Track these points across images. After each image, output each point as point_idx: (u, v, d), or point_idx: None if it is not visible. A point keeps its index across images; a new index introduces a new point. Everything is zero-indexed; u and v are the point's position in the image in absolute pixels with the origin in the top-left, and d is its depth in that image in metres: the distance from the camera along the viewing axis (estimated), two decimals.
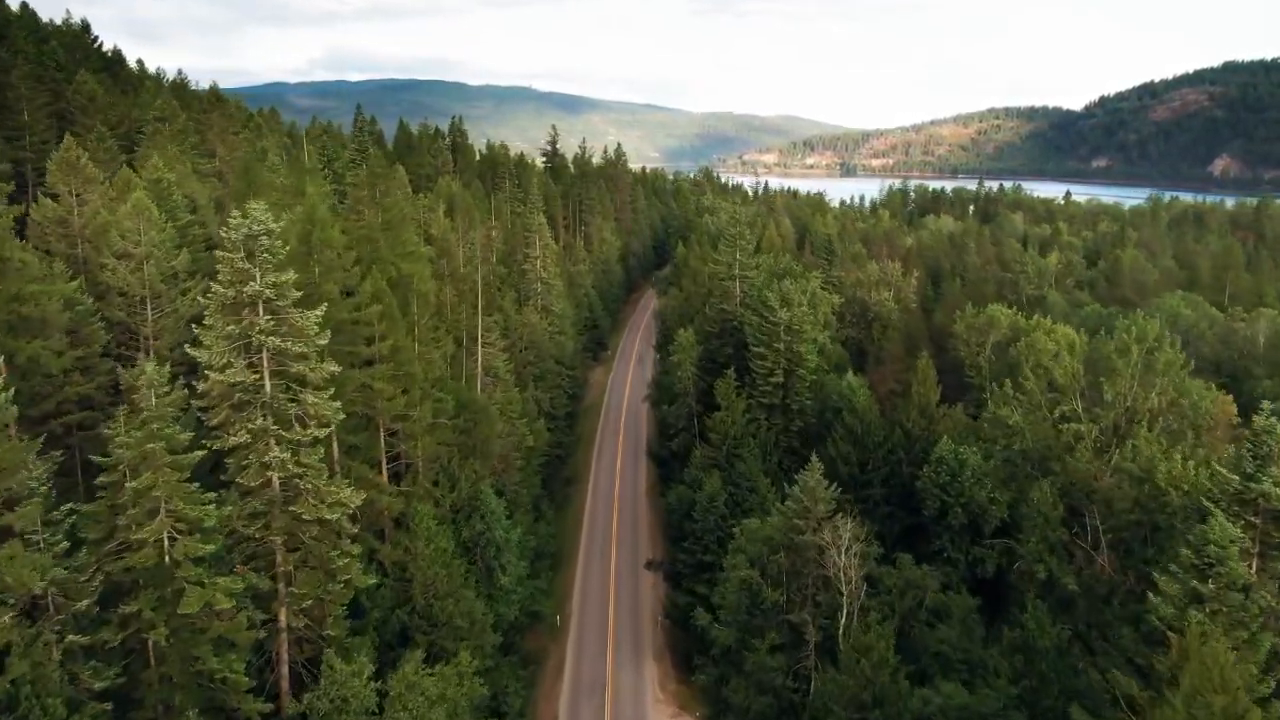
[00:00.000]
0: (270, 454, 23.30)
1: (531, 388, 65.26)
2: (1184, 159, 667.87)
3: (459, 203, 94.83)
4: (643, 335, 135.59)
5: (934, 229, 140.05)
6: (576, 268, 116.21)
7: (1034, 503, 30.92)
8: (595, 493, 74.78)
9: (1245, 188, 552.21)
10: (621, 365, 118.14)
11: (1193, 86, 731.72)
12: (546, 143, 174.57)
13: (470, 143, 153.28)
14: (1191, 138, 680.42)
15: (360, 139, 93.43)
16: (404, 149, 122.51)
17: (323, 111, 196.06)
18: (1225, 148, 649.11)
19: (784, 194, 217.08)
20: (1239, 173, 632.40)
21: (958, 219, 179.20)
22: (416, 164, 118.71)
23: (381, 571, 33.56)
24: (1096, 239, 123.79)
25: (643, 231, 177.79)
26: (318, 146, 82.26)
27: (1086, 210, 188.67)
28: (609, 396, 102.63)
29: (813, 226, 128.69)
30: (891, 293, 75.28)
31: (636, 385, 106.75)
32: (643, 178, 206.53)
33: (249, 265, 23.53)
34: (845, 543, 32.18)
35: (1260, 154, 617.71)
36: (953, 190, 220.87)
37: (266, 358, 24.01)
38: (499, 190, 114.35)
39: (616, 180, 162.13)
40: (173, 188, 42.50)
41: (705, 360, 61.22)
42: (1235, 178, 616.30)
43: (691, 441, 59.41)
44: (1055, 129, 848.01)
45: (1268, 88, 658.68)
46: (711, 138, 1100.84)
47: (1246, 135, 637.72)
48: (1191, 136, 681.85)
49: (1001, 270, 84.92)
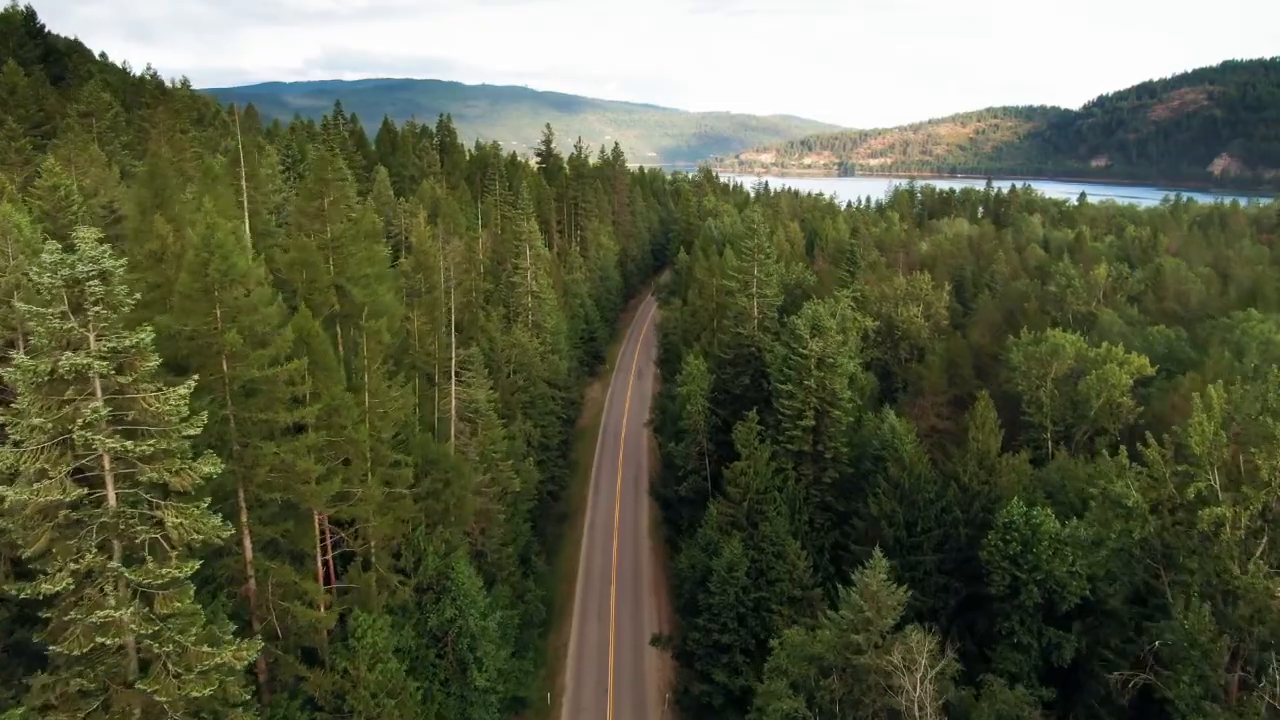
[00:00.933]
0: (104, 610, 15.06)
1: (520, 419, 56.98)
2: (1184, 158, 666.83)
3: (442, 208, 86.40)
4: (642, 345, 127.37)
5: (950, 233, 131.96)
6: (572, 276, 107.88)
7: (1185, 629, 23.18)
8: (592, 533, 66.56)
9: (1246, 187, 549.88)
10: (620, 380, 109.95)
11: (1191, 86, 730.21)
12: (541, 142, 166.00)
13: (460, 142, 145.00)
14: (1191, 137, 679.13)
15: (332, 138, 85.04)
16: (387, 149, 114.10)
17: (317, 111, 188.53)
18: (1225, 147, 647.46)
19: (788, 194, 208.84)
20: (1239, 172, 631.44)
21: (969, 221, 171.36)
22: (400, 165, 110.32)
23: (311, 707, 25.33)
24: (1124, 245, 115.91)
25: (641, 235, 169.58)
26: (280, 146, 73.85)
27: (1104, 212, 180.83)
28: (607, 416, 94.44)
29: (823, 231, 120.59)
30: (920, 308, 67.22)
31: (636, 404, 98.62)
32: (641, 178, 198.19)
33: (74, 324, 15.41)
34: (921, 667, 24.21)
35: (1260, 153, 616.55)
36: (961, 191, 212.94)
37: (107, 460, 15.92)
38: (488, 193, 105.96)
39: (614, 181, 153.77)
40: (72, 196, 34.31)
41: (718, 390, 53.01)
42: (1235, 177, 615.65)
43: (703, 485, 51.20)
44: (1053, 128, 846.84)
45: (1267, 87, 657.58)
46: (708, 137, 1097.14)
47: (1246, 135, 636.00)
48: (1191, 136, 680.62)
49: (1039, 283, 76.69)
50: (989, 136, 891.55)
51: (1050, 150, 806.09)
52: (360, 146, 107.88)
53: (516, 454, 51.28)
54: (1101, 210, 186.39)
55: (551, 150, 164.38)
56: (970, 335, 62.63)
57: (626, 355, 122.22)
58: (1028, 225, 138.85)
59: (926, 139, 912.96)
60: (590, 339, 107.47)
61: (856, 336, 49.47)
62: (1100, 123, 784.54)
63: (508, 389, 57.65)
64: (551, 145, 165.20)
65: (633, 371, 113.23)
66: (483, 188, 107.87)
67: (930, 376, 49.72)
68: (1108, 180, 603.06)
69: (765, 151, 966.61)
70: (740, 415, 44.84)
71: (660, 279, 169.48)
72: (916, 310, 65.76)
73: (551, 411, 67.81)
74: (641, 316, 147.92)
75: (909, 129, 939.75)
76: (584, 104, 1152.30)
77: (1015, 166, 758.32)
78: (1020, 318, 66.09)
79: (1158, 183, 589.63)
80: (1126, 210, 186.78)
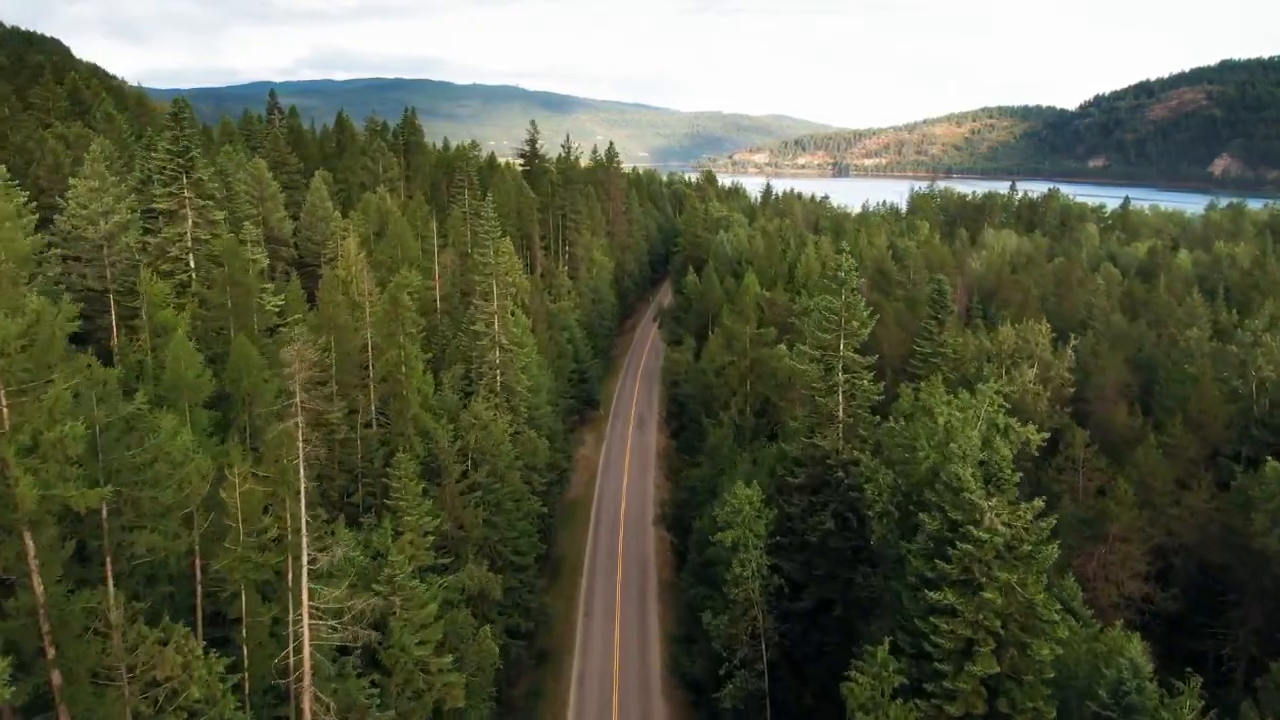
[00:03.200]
0: None
1: (472, 564, 37.66)
2: (1183, 158, 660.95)
3: (391, 225, 66.82)
4: (642, 379, 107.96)
5: (996, 247, 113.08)
6: (559, 304, 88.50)
7: None
8: (582, 690, 46.94)
9: (1248, 187, 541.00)
10: (618, 429, 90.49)
11: (1190, 85, 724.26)
12: (525, 142, 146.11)
13: (430, 142, 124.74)
14: (1190, 137, 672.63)
15: (249, 130, 65.06)
16: (332, 150, 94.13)
17: (306, 112, 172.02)
18: (1225, 147, 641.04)
19: (799, 199, 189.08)
20: (1240, 172, 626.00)
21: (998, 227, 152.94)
22: (347, 168, 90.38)
23: None
24: (1216, 263, 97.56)
25: (638, 245, 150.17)
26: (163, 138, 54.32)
27: (1152, 220, 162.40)
28: (600, 489, 75.03)
29: (857, 247, 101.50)
30: (1034, 370, 48.00)
31: (638, 469, 79.21)
32: (637, 181, 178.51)
33: None
34: None
35: (1261, 153, 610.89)
36: (985, 194, 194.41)
37: None
38: (456, 203, 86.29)
39: (608, 186, 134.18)
40: None
41: (781, 532, 33.37)
42: (1237, 177, 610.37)
43: (758, 688, 31.81)
44: (1050, 128, 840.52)
45: (1266, 86, 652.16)
46: (700, 137, 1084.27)
47: (1247, 134, 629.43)
48: (1190, 136, 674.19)
49: (1174, 328, 57.65)
50: (985, 136, 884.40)
51: (1047, 150, 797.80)
52: (299, 147, 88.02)
53: (464, 651, 31.81)
54: (1150, 218, 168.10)
55: (537, 150, 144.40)
56: (1116, 416, 43.43)
57: (624, 394, 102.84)
58: (1087, 237, 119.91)
59: (922, 139, 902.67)
60: (581, 379, 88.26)
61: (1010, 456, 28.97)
62: (1098, 123, 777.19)
63: (456, 525, 38.27)
64: (537, 144, 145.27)
65: (632, 418, 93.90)
66: (450, 196, 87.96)
67: (1123, 514, 30.73)
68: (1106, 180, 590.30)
69: (759, 152, 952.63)
70: (819, 573, 25.56)
71: (661, 298, 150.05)
72: (1031, 375, 46.79)
73: (527, 516, 48.45)
74: (640, 340, 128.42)
75: (904, 129, 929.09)
76: (576, 103, 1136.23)
77: (1012, 166, 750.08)
78: (1181, 391, 46.61)
79: (1157, 183, 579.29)
80: (1175, 216, 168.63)
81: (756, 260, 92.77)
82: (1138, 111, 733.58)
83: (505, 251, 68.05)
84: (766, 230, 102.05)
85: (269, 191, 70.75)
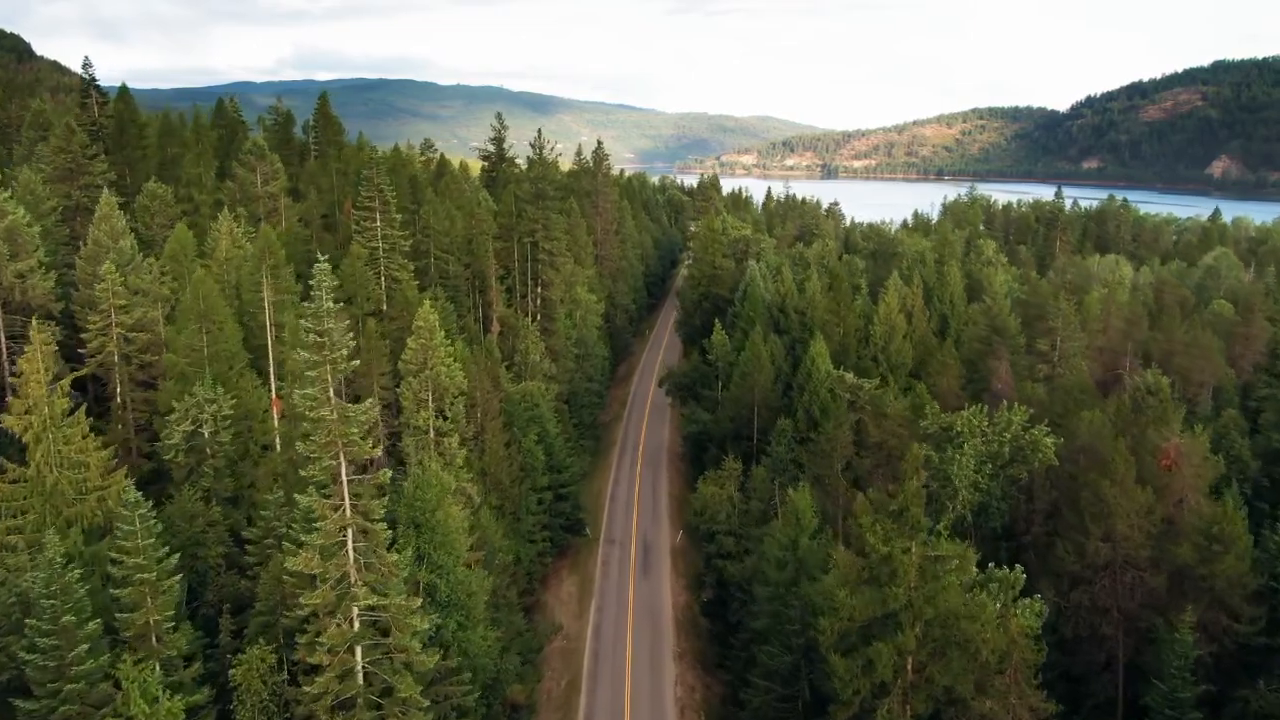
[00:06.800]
0: None
1: None
2: (1180, 160, 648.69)
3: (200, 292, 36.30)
4: (645, 468, 77.32)
5: (1114, 279, 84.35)
6: (523, 385, 58.19)
7: None
8: None
9: (1248, 190, 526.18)
10: (613, 577, 59.53)
11: (1184, 86, 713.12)
12: (489, 140, 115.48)
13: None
14: (1186, 138, 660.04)
15: None
16: (179, 150, 63.29)
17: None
18: (1223, 148, 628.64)
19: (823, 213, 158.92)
20: (1240, 174, 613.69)
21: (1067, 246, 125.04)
22: (191, 176, 59.56)
23: None
24: None
25: (633, 268, 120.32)
26: None
27: (1231, 233, 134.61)
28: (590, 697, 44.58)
29: (944, 289, 72.58)
30: None
31: (644, 664, 48.51)
32: (629, 188, 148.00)
33: None
34: None
35: (1261, 155, 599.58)
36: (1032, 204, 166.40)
37: None
38: (362, 231, 55.35)
39: (596, 197, 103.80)
40: None
41: None
42: (1237, 179, 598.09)
43: None
44: (1041, 129, 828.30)
45: (1262, 87, 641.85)
46: (686, 139, 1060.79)
47: (1245, 135, 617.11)
48: (1186, 137, 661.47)
49: None
50: (975, 138, 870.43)
51: (1039, 152, 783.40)
52: (119, 148, 56.74)
53: None
54: (1232, 230, 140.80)
55: (504, 151, 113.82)
56: None
57: (618, 498, 71.91)
58: (1229, 267, 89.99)
59: (911, 140, 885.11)
60: (559, 494, 58.24)
61: None
62: (1090, 124, 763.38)
63: None
64: (504, 144, 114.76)
65: (635, 546, 63.11)
66: (356, 221, 56.80)
67: None
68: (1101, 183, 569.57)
69: (746, 153, 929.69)
70: None
71: (660, 332, 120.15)
72: None
73: None
74: (638, 396, 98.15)
75: (893, 130, 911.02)
76: (559, 104, 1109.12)
77: (1003, 168, 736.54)
78: None
79: (1155, 185, 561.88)
80: (1270, 231, 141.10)
81: (815, 313, 63.08)
82: (1131, 113, 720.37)
83: (424, 322, 38.28)
84: (831, 269, 72.01)
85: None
